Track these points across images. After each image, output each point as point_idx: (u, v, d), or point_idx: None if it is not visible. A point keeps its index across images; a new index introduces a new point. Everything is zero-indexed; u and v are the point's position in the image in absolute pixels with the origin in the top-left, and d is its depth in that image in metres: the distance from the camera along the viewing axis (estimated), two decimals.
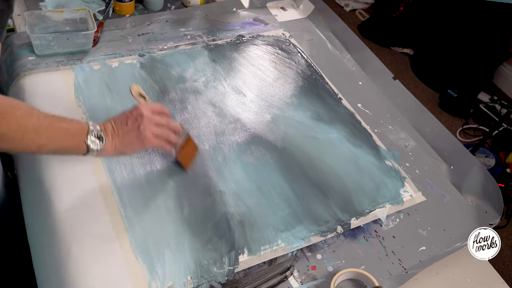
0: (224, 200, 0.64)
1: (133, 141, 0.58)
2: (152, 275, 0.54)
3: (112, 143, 0.57)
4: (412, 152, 0.81)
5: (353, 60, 0.99)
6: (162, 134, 0.60)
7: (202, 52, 0.89)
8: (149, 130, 0.58)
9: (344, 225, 0.66)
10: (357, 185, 0.71)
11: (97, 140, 0.55)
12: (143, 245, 0.57)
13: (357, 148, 0.78)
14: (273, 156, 0.72)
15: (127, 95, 0.75)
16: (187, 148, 0.66)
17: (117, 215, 0.59)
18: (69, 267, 0.53)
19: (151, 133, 0.58)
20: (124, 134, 0.57)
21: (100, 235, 0.56)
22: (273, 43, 0.96)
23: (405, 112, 0.89)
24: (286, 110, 0.81)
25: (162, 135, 0.60)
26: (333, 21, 1.06)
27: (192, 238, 0.59)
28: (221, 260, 0.57)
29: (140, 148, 0.60)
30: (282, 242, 0.61)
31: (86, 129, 0.54)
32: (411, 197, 0.73)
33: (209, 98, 0.80)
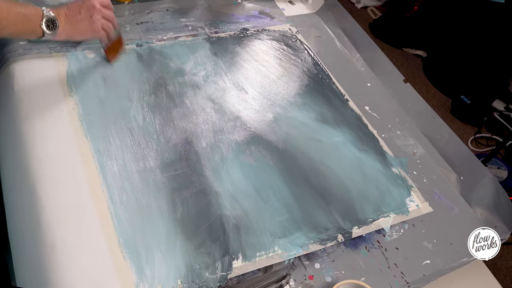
0: (219, 201, 0.64)
1: (84, 29, 0.69)
2: (140, 277, 0.54)
3: (65, 28, 0.66)
4: (421, 160, 0.81)
5: (362, 60, 0.99)
6: (107, 27, 0.71)
7: (204, 44, 0.89)
8: (99, 21, 0.69)
9: (345, 233, 0.66)
10: (360, 192, 0.71)
11: (51, 25, 0.64)
12: (132, 245, 0.57)
13: (363, 153, 0.78)
14: (274, 158, 0.72)
15: (122, 87, 0.75)
16: (116, 43, 0.77)
17: (106, 212, 0.59)
18: (52, 263, 0.53)
19: (100, 24, 0.70)
20: (77, 22, 0.67)
21: (87, 232, 0.56)
22: (279, 39, 0.96)
23: (415, 117, 0.89)
24: (290, 109, 0.81)
25: (107, 28, 0.71)
26: (343, 18, 1.06)
27: (184, 240, 0.59)
28: (213, 265, 0.57)
29: (89, 37, 0.71)
30: (279, 249, 0.61)
31: (41, 15, 0.62)
32: (417, 207, 0.73)
33: (209, 94, 0.80)
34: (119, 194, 0.61)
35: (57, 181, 0.60)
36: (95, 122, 0.68)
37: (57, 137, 0.65)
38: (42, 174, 0.60)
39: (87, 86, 0.74)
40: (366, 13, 2.39)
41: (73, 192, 0.60)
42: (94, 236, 0.56)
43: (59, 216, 0.57)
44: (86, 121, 0.68)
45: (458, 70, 1.99)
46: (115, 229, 0.58)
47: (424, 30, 2.12)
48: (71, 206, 0.58)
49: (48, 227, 0.56)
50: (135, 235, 0.58)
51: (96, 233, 0.57)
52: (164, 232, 0.59)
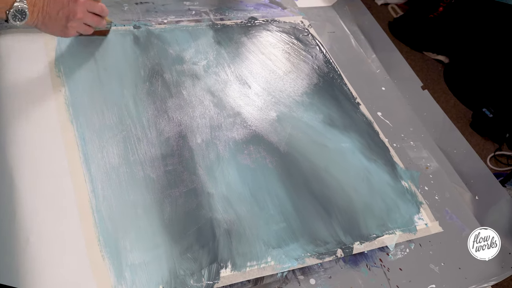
0: (211, 203, 0.64)
1: (54, 29, 0.68)
2: (118, 280, 0.54)
3: (35, 20, 0.65)
4: (434, 175, 0.81)
5: (378, 62, 0.99)
6: (85, 32, 0.72)
7: (207, 31, 0.89)
8: (74, 29, 0.69)
9: (345, 248, 0.66)
10: (365, 205, 0.71)
11: (19, 16, 0.62)
12: (112, 244, 0.57)
13: (371, 162, 0.78)
14: (274, 161, 0.72)
15: (114, 71, 0.75)
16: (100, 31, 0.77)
17: (87, 207, 0.59)
18: (25, 258, 0.53)
19: (75, 31, 0.70)
20: (50, 18, 0.66)
21: (64, 227, 0.56)
22: (289, 31, 0.96)
23: (431, 128, 0.89)
24: (295, 109, 0.81)
25: (84, 32, 0.72)
26: (361, 14, 1.06)
27: (169, 243, 0.59)
28: (200, 272, 0.57)
29: (58, 36, 0.72)
30: (272, 260, 0.61)
31: (12, 2, 0.61)
32: (426, 226, 0.73)
33: (208, 85, 0.80)
34: (103, 188, 0.61)
35: (36, 169, 0.60)
36: (82, 107, 0.68)
37: (40, 122, 0.65)
38: (21, 161, 0.60)
39: (77, 67, 0.74)
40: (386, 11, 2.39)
41: (53, 183, 0.60)
42: (72, 232, 0.56)
43: (36, 208, 0.57)
44: (73, 106, 0.68)
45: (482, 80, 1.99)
46: (96, 225, 0.58)
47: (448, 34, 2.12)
48: (49, 197, 0.58)
49: (23, 219, 0.56)
50: (117, 233, 0.58)
51: (75, 228, 0.57)
52: (148, 233, 0.59)
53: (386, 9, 2.40)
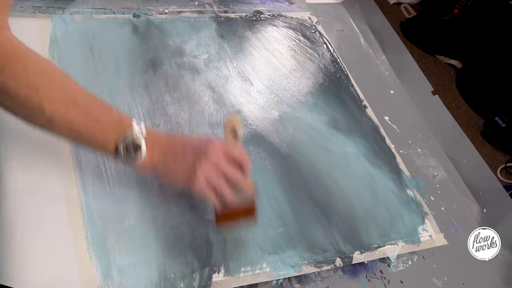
0: (206, 205, 0.64)
1: (177, 177, 0.54)
2: (105, 280, 0.54)
3: (152, 161, 0.53)
4: (440, 185, 0.81)
5: (388, 63, 0.99)
6: (220, 189, 0.54)
7: (210, 24, 0.89)
8: (205, 178, 0.53)
9: (344, 258, 0.66)
10: (368, 213, 0.71)
11: (132, 151, 0.51)
12: (101, 242, 0.56)
13: (376, 168, 0.78)
14: (274, 162, 0.72)
15: (111, 60, 0.75)
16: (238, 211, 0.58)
17: (76, 201, 0.59)
18: (8, 252, 0.53)
19: (205, 183, 0.53)
20: (173, 161, 0.54)
21: (52, 222, 0.56)
22: (296, 27, 0.96)
23: (440, 136, 0.89)
24: (298, 109, 0.82)
25: (219, 190, 0.54)
26: (372, 13, 1.06)
27: (161, 244, 0.59)
28: (191, 275, 0.57)
29: (181, 187, 0.56)
30: (267, 266, 0.61)
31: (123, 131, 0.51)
32: (431, 238, 0.73)
33: (209, 81, 0.80)
34: (93, 183, 0.61)
35: (24, 159, 0.60)
36: None
37: None
38: (7, 150, 0.60)
39: (71, 55, 0.74)
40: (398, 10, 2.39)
41: (41, 175, 0.60)
42: (59, 228, 0.56)
43: (22, 200, 0.57)
44: None
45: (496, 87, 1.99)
46: (84, 222, 0.58)
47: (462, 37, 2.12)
48: (37, 190, 0.58)
49: (8, 212, 0.56)
50: (106, 231, 0.58)
51: (62, 224, 0.57)
52: (139, 232, 0.59)
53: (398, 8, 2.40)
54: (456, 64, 2.19)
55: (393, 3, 2.40)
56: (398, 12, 2.38)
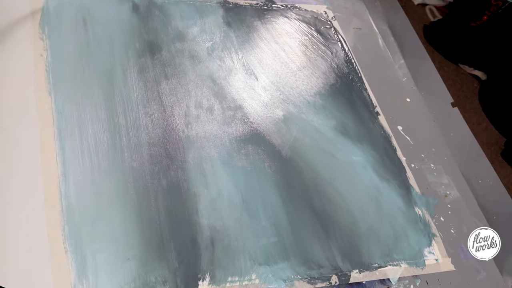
0: (196, 205, 0.64)
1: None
2: (79, 279, 0.54)
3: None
4: (452, 205, 0.81)
5: (406, 68, 0.99)
6: None
7: (216, 9, 0.89)
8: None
9: (341, 276, 0.66)
10: (371, 229, 0.71)
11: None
12: (78, 237, 0.56)
13: (383, 182, 0.78)
14: (273, 166, 0.72)
15: (106, 40, 0.75)
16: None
17: (55, 191, 0.59)
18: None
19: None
20: None
21: (26, 212, 0.56)
22: (310, 21, 0.96)
23: (456, 152, 0.89)
24: (305, 110, 0.81)
25: None
26: (393, 12, 1.06)
27: (142, 244, 0.59)
28: (174, 281, 0.57)
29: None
30: (256, 278, 0.61)
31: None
32: (437, 261, 0.73)
33: (211, 71, 0.80)
34: (75, 172, 0.61)
35: (2, 141, 0.60)
36: (64, 77, 0.68)
37: (14, 87, 0.65)
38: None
39: (64, 30, 0.74)
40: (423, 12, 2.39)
41: (20, 159, 0.60)
42: (34, 218, 0.56)
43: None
44: (53, 74, 0.68)
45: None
46: (62, 214, 0.57)
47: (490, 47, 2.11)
48: (13, 175, 0.58)
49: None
50: (85, 225, 0.58)
51: (38, 215, 0.56)
52: (120, 229, 0.59)
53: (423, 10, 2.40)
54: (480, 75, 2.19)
55: (417, 3, 2.40)
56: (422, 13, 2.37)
